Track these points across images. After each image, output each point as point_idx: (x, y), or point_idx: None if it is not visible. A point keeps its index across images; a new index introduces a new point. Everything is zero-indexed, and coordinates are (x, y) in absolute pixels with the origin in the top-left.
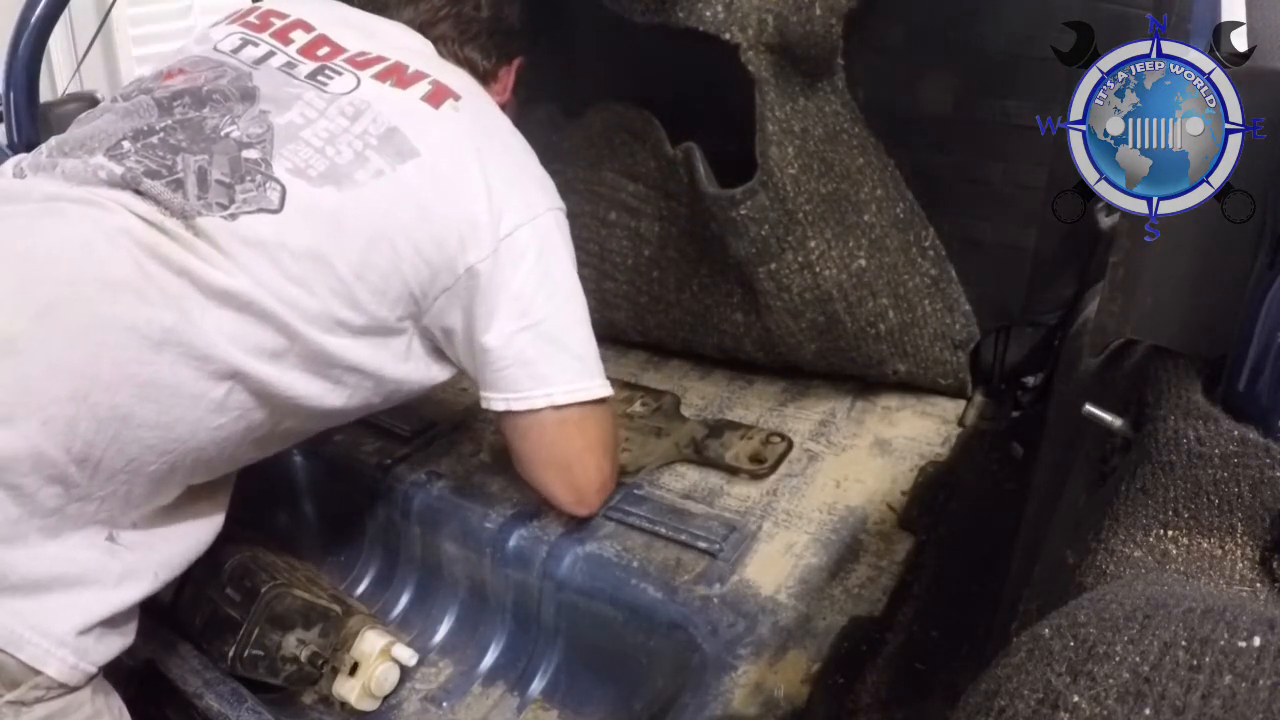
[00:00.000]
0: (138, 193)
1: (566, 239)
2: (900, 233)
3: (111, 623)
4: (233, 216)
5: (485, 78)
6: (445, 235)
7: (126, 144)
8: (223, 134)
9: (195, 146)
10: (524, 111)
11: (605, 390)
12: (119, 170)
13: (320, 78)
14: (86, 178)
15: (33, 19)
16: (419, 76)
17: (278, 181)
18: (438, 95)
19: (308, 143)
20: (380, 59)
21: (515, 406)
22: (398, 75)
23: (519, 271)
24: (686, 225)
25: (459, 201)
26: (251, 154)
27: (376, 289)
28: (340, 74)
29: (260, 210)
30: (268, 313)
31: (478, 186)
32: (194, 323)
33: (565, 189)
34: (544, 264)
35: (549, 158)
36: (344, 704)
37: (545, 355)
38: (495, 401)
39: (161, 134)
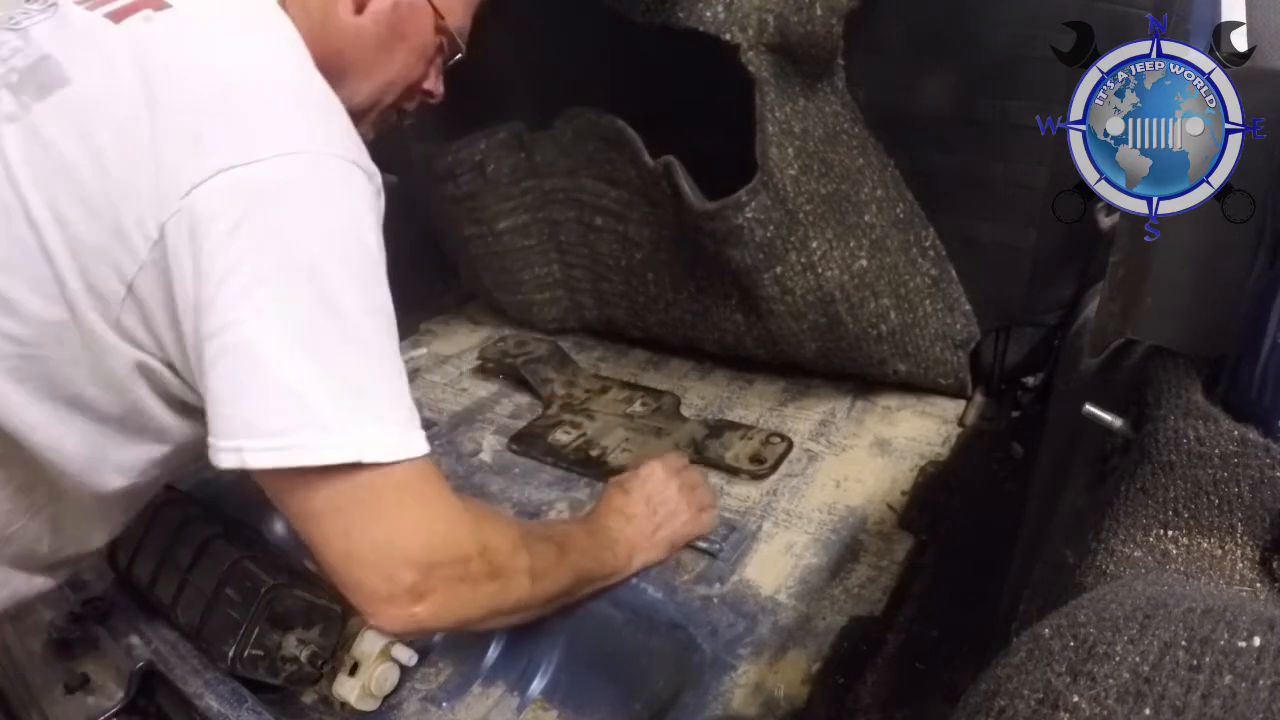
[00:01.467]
0: None
1: (348, 205)
2: (900, 233)
3: None
4: None
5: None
6: (105, 192)
7: None
8: None
9: None
10: (485, 129)
11: (357, 450)
12: None
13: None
14: None
15: None
16: None
17: None
18: (132, 8)
19: None
20: None
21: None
22: None
23: (207, 245)
24: (675, 232)
25: (120, 142)
26: None
27: (21, 273)
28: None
29: None
30: None
31: (141, 115)
32: None
33: (545, 200)
34: (261, 235)
35: (520, 176)
36: (344, 704)
37: (238, 387)
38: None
39: None
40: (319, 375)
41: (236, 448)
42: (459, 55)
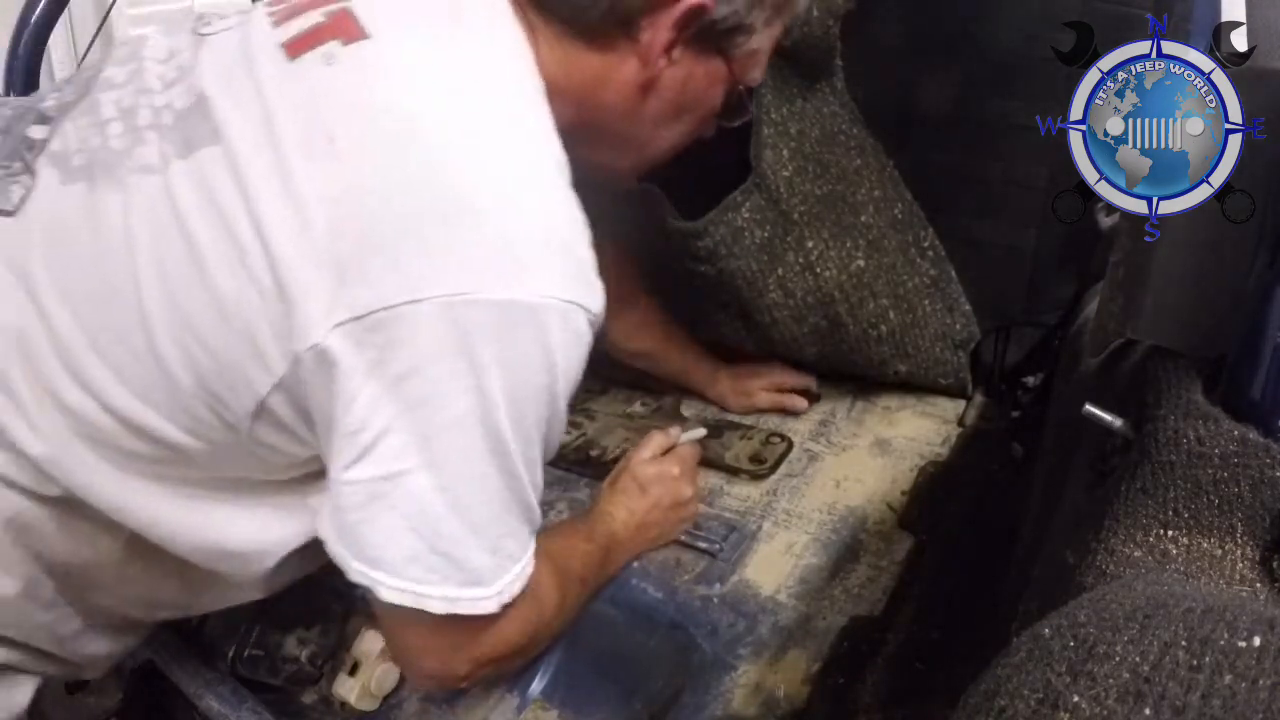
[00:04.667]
0: None
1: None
2: (898, 233)
3: None
4: None
5: (594, 32)
6: (232, 295)
7: None
8: (39, 105)
9: (6, 121)
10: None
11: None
12: None
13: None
14: None
15: (33, 19)
16: (337, 4)
17: (32, 171)
18: (316, 35)
19: (99, 112)
20: None
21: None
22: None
23: (386, 373)
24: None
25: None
26: (39, 131)
27: (129, 375)
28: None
29: None
30: None
31: (306, 209)
32: None
33: None
34: (451, 379)
35: None
36: (344, 704)
37: (388, 531)
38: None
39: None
40: (473, 538)
41: (373, 579)
42: (744, 118)
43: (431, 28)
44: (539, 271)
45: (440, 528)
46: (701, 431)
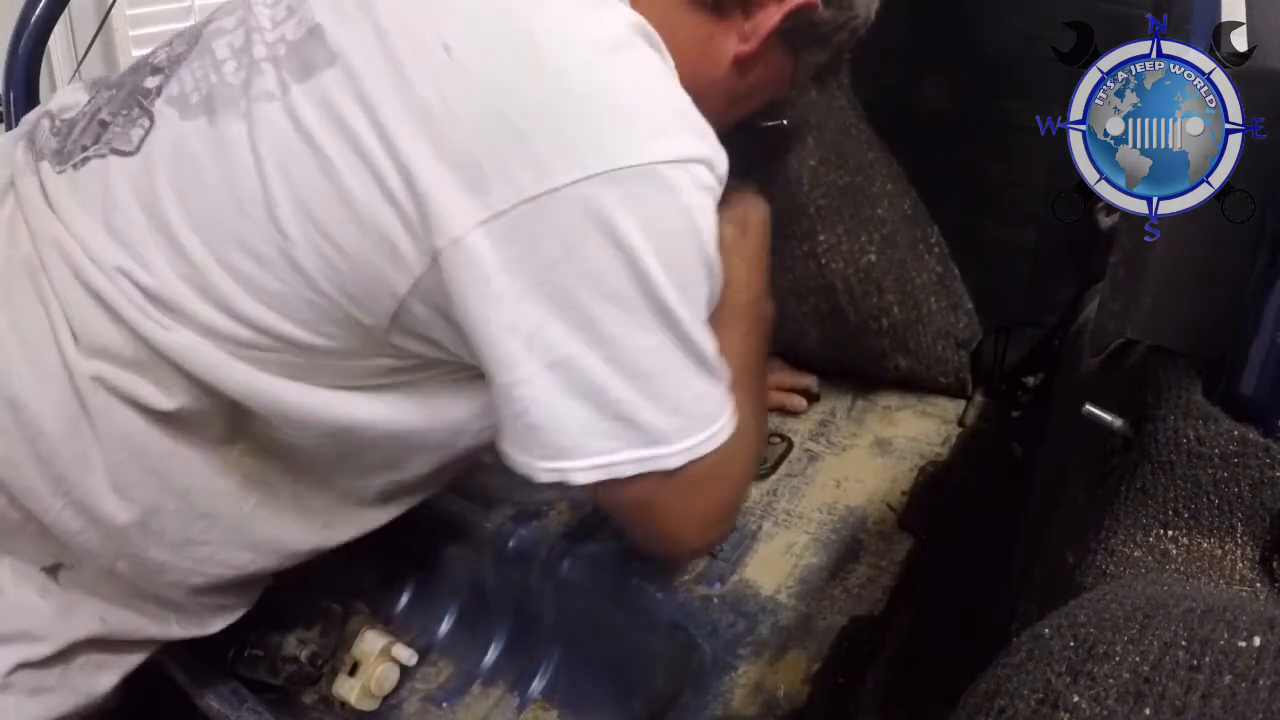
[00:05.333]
0: (31, 139)
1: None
2: (909, 228)
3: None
4: (84, 161)
5: (717, 3)
6: (365, 204)
7: None
8: (149, 60)
9: (118, 80)
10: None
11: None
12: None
13: None
14: None
15: (33, 19)
16: None
17: (150, 114)
18: None
19: (214, 54)
20: None
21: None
22: None
23: (533, 262)
24: None
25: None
26: (153, 81)
27: (255, 282)
28: None
29: (112, 152)
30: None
31: (434, 113)
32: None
33: None
34: (605, 254)
35: None
36: (344, 704)
37: (560, 415)
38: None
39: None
40: (651, 402)
41: (562, 469)
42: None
43: None
44: (661, 137)
45: (617, 398)
46: None
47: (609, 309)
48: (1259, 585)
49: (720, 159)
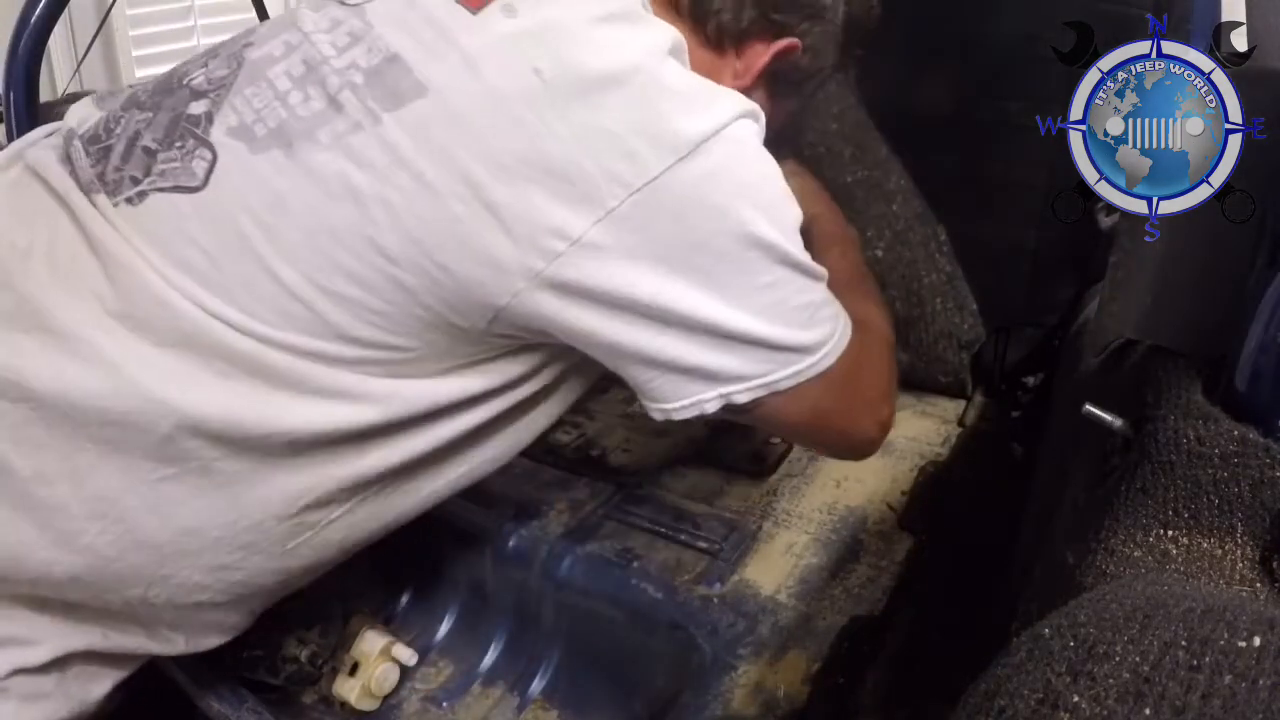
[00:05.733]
0: (67, 159)
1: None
2: (921, 226)
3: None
4: (141, 196)
5: (717, 41)
6: (473, 230)
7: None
8: (184, 83)
9: (150, 102)
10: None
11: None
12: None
13: None
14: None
15: (33, 19)
16: None
17: (210, 146)
18: None
19: (272, 84)
20: None
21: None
22: None
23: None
24: None
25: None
26: (198, 107)
27: (362, 305)
28: None
29: (175, 188)
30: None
31: (537, 134)
32: None
33: None
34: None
35: None
36: (344, 704)
37: (683, 357)
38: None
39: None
40: (789, 329)
41: (725, 393)
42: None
43: None
44: (713, 105)
45: (756, 333)
46: None
47: (723, 264)
48: (1259, 585)
49: (757, 107)
